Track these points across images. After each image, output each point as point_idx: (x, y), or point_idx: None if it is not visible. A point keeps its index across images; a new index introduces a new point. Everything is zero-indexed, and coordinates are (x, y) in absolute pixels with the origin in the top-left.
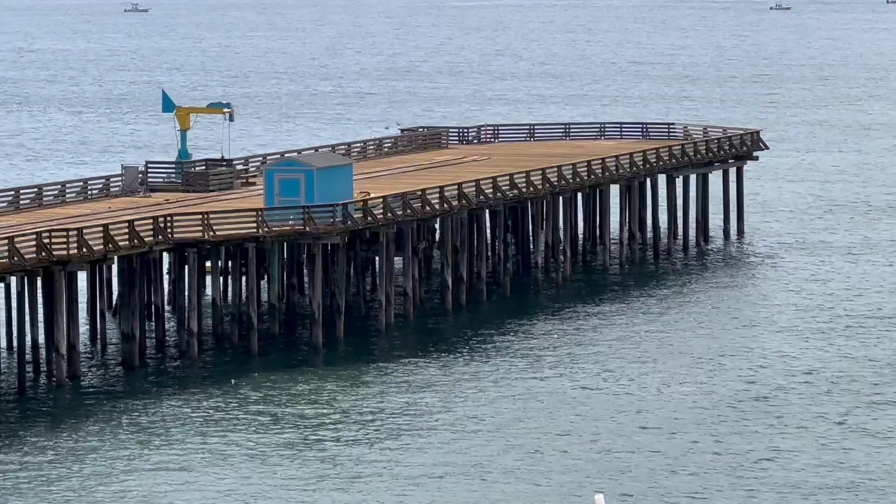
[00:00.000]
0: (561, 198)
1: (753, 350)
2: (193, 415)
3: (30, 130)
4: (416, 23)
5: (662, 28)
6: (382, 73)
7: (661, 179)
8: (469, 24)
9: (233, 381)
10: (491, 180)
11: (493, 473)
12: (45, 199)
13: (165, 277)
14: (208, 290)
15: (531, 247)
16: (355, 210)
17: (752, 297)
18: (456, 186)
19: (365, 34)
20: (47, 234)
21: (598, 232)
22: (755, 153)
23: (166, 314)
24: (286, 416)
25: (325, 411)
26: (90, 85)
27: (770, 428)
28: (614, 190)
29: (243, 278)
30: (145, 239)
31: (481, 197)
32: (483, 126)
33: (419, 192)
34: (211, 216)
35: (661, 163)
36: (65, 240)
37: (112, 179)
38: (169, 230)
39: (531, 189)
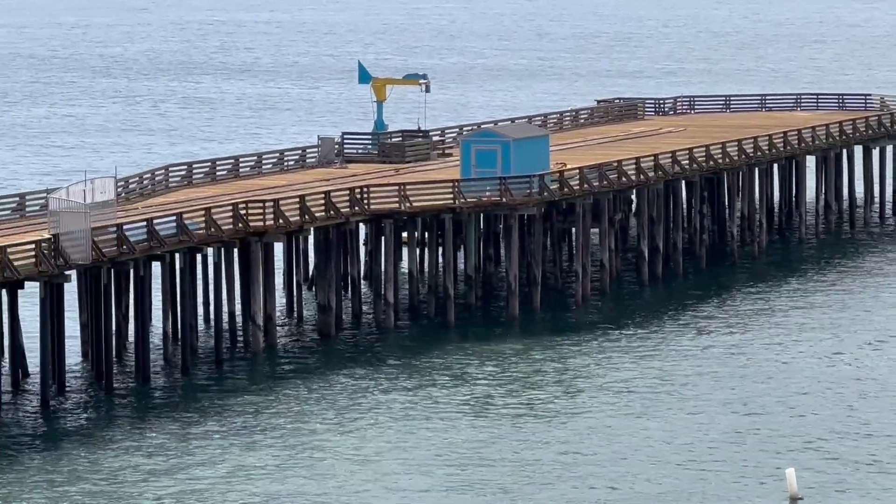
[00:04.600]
0: (757, 169)
1: None
2: (389, 385)
3: (228, 101)
4: None
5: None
6: (571, 44)
7: (858, 150)
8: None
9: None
10: (687, 151)
11: (686, 447)
12: (241, 170)
13: (362, 249)
14: (404, 262)
15: (727, 218)
16: (552, 181)
17: None
18: (652, 158)
19: (555, 4)
20: (244, 205)
21: (793, 203)
22: None
23: (362, 285)
24: (481, 387)
25: (520, 383)
26: (283, 56)
27: None
28: (810, 161)
29: (440, 249)
30: (342, 210)
31: (677, 168)
32: (679, 97)
33: (615, 164)
34: (407, 187)
35: (857, 134)
36: (261, 211)
37: (308, 151)
38: (365, 201)
39: (727, 160)
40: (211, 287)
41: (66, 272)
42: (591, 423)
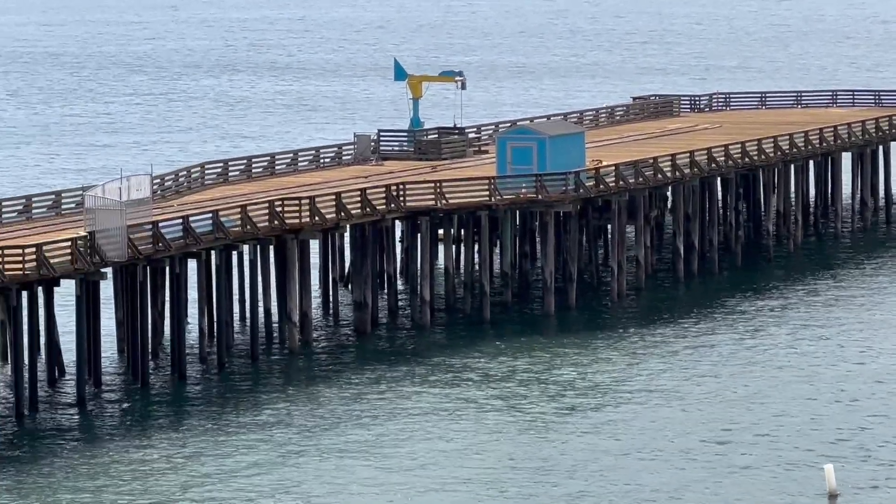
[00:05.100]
0: (793, 165)
1: None
2: (424, 382)
3: (262, 99)
4: None
5: None
6: (604, 41)
7: (894, 147)
8: None
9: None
10: (723, 148)
11: (723, 444)
12: (277, 167)
13: (398, 246)
14: (440, 259)
15: (763, 214)
16: (587, 178)
17: None
18: (688, 154)
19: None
20: (280, 202)
21: (829, 199)
22: None
23: (398, 282)
24: (516, 385)
25: (556, 380)
26: (317, 54)
27: None
28: (846, 158)
29: (476, 246)
30: (378, 207)
31: (713, 165)
32: (714, 94)
33: (651, 160)
34: (444, 184)
35: (893, 130)
36: (297, 208)
37: (344, 148)
38: (401, 198)
39: (763, 157)
40: (247, 284)
41: (103, 269)
42: (624, 419)
